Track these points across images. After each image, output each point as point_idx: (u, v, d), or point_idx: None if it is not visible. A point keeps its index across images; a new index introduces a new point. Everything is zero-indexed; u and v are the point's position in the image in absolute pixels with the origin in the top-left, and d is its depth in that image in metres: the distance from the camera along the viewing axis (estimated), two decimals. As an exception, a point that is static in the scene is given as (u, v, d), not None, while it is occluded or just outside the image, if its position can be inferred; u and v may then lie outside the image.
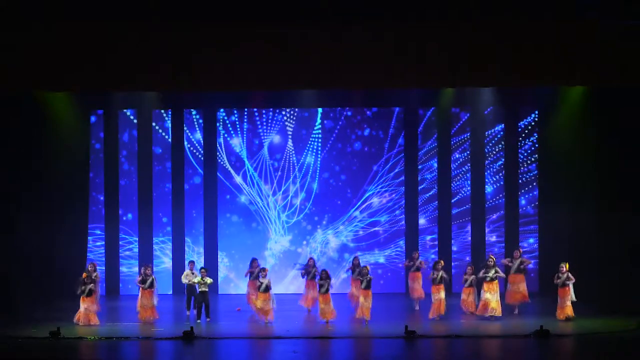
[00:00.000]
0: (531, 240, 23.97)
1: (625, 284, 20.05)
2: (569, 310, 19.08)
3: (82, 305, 19.04)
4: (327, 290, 19.11)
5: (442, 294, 19.49)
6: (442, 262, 20.16)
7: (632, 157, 20.08)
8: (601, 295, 20.42)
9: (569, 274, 19.14)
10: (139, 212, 24.05)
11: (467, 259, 23.38)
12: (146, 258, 23.66)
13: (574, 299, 19.10)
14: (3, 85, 18.98)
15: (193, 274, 20.02)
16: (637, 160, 20.01)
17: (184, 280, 20.21)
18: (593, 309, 19.91)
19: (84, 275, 19.37)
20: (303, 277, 21.09)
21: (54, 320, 18.73)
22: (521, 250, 21.14)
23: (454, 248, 24.02)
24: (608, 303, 20.04)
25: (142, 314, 19.34)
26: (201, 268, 20.07)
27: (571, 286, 19.11)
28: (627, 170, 20.18)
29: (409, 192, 24.14)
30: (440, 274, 19.66)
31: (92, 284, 19.22)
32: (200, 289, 19.53)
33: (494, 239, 24.04)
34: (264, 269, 19.62)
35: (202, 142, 24.10)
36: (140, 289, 19.46)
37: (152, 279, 19.49)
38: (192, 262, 20.72)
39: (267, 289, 19.11)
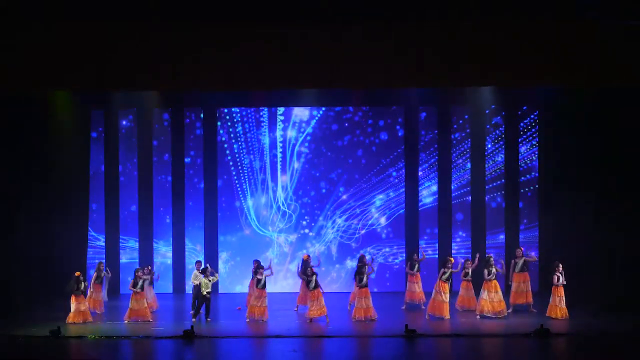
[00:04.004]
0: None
1: (625, 284, 20.05)
2: (564, 311, 19.14)
3: (75, 305, 19.16)
4: (316, 286, 19.15)
5: (447, 297, 19.49)
6: (452, 259, 20.21)
7: (633, 157, 20.10)
8: (601, 295, 20.42)
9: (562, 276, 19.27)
10: (139, 211, 24.09)
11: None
12: (146, 257, 23.71)
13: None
14: (3, 85, 18.97)
15: (202, 274, 19.95)
16: (637, 160, 20.03)
17: (194, 281, 20.19)
18: (593, 308, 19.91)
19: (77, 273, 19.45)
20: (299, 277, 21.10)
21: (54, 319, 18.75)
22: (522, 248, 21.15)
23: (455, 247, 24.05)
24: (608, 303, 20.03)
25: (127, 314, 19.45)
26: (205, 267, 20.05)
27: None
28: (627, 170, 20.20)
29: (409, 191, 24.15)
30: (450, 271, 19.70)
31: (84, 282, 19.37)
32: (204, 291, 19.51)
33: (501, 238, 24.08)
34: (262, 267, 19.72)
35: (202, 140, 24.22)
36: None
37: (142, 282, 19.51)
38: (199, 262, 20.73)
39: (264, 286, 19.23)
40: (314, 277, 19.30)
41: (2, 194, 20.24)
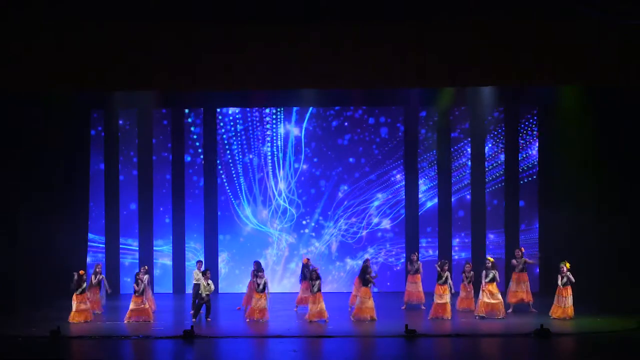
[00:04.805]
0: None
1: (625, 283, 20.05)
2: (570, 312, 19.13)
3: (76, 303, 19.18)
4: (318, 290, 19.16)
5: (447, 298, 19.50)
6: (447, 262, 20.23)
7: (632, 157, 20.10)
8: (601, 295, 20.42)
9: (570, 275, 19.18)
10: (139, 211, 24.09)
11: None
12: (146, 257, 23.73)
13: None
14: (3, 85, 18.98)
15: (204, 274, 19.91)
16: (637, 160, 20.03)
17: (195, 277, 20.17)
18: (593, 308, 19.92)
19: (81, 272, 19.48)
20: (300, 278, 21.10)
21: (54, 320, 18.72)
22: (523, 249, 21.17)
23: (455, 248, 24.06)
24: (608, 303, 20.04)
25: (128, 315, 19.41)
26: (206, 269, 20.01)
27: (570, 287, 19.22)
28: (627, 170, 20.20)
29: (409, 190, 24.16)
30: (446, 275, 19.70)
31: (85, 283, 19.37)
32: (203, 293, 19.50)
33: (492, 237, 24.07)
34: (262, 269, 19.72)
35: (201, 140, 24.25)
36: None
37: (144, 285, 19.45)
38: (200, 262, 20.72)
39: (264, 288, 19.24)
40: (318, 282, 19.26)
41: (3, 194, 20.25)
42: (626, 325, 18.21)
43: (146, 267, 20.67)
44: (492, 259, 20.13)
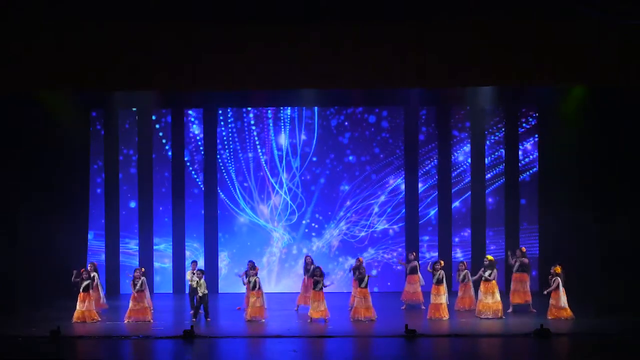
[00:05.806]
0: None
1: (625, 284, 20.04)
2: (566, 312, 19.12)
3: (80, 303, 19.16)
4: (321, 288, 19.16)
5: (444, 298, 19.49)
6: (442, 262, 20.21)
7: (632, 158, 20.09)
8: (601, 295, 20.40)
9: (558, 279, 19.19)
10: (139, 211, 24.08)
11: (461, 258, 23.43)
12: (146, 256, 23.72)
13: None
14: (3, 85, 18.98)
15: (194, 274, 19.95)
16: (637, 160, 20.02)
17: (190, 281, 20.21)
18: (593, 308, 19.91)
19: (82, 270, 19.48)
20: (304, 273, 21.12)
21: (54, 320, 18.72)
22: (524, 249, 21.16)
23: (456, 247, 24.05)
24: (608, 303, 20.02)
25: (127, 315, 19.38)
26: (197, 270, 20.00)
27: (561, 289, 19.19)
28: (627, 170, 20.19)
29: (409, 191, 24.16)
30: (440, 273, 19.69)
31: (88, 280, 19.32)
32: (200, 292, 19.50)
33: (491, 233, 24.09)
34: (254, 268, 19.71)
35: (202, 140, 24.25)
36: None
37: (140, 282, 19.41)
38: (194, 262, 20.71)
39: (256, 287, 19.26)
40: (321, 279, 19.26)
41: (3, 194, 20.26)
42: (625, 326, 18.20)
43: (143, 268, 20.62)
44: (490, 257, 20.14)
